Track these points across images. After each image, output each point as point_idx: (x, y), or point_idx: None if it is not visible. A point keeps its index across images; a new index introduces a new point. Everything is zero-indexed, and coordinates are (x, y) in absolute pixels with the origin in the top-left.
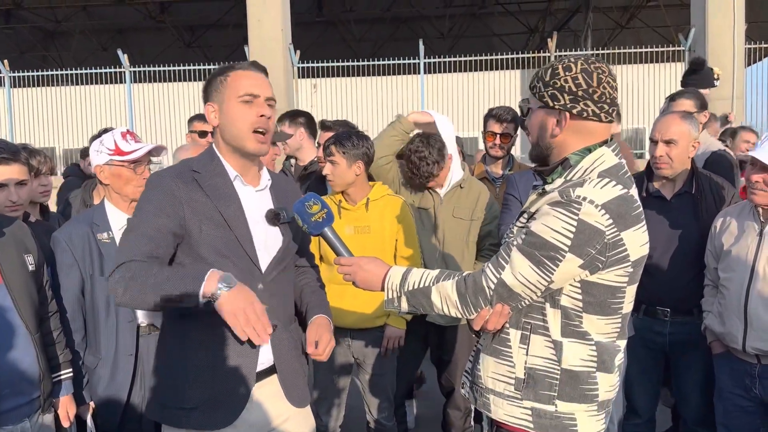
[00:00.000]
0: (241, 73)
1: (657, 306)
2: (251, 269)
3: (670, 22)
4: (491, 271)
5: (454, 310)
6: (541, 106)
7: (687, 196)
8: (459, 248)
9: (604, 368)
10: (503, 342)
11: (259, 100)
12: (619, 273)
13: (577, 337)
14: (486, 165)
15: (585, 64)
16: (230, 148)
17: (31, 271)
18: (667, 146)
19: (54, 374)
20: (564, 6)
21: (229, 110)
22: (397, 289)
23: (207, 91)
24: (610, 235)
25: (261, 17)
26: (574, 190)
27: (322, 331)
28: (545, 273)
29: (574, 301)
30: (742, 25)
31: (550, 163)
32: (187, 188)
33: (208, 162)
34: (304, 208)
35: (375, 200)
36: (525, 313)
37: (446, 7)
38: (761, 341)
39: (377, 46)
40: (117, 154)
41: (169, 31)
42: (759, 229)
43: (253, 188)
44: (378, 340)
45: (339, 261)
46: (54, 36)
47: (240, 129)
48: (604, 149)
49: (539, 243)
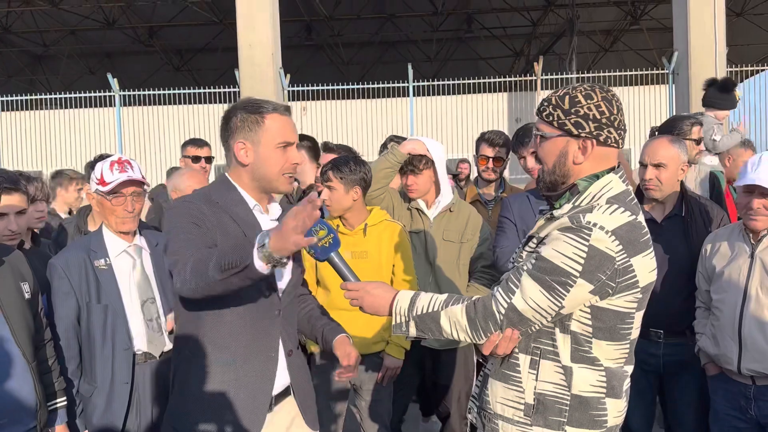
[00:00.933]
0: (278, 117)
1: (650, 327)
2: (272, 296)
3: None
4: (501, 295)
5: (464, 334)
6: (561, 134)
7: (677, 218)
8: (450, 271)
9: (613, 394)
10: (512, 367)
11: (292, 147)
12: (629, 299)
13: (587, 362)
14: (478, 188)
15: (603, 92)
16: (256, 185)
17: (27, 299)
18: (657, 169)
19: (49, 402)
20: (549, 30)
21: (266, 154)
22: (405, 314)
23: (234, 125)
24: (620, 261)
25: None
26: (584, 216)
27: (350, 348)
28: (556, 298)
29: (584, 326)
30: (724, 48)
31: (558, 188)
32: (215, 212)
33: (225, 192)
34: (310, 233)
35: (373, 225)
36: (534, 338)
37: (433, 31)
38: (756, 362)
39: (365, 69)
40: (100, 184)
41: (157, 55)
42: (750, 251)
43: (268, 217)
44: (376, 366)
45: (346, 286)
46: (42, 60)
47: (274, 173)
48: (612, 176)
49: (550, 268)
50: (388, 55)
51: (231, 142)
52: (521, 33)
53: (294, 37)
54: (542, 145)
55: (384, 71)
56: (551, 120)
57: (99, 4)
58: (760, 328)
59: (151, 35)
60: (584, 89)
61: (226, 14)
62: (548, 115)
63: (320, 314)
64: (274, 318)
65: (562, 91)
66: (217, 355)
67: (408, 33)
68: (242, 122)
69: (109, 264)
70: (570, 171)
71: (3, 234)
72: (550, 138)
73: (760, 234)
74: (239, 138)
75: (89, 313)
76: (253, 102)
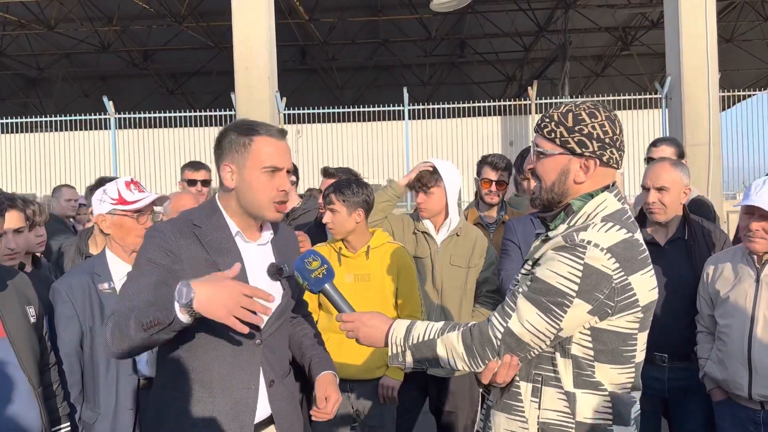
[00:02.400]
0: (267, 140)
1: (655, 352)
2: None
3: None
4: (498, 320)
5: (461, 362)
6: (563, 152)
7: (680, 242)
8: (457, 296)
9: (620, 421)
10: (514, 396)
11: (281, 173)
12: (630, 319)
13: (590, 387)
14: (480, 211)
15: (606, 111)
16: (241, 210)
17: (32, 323)
18: (659, 193)
19: (54, 428)
20: (541, 55)
21: (250, 178)
22: (401, 344)
23: (223, 147)
24: (618, 279)
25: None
26: (578, 234)
27: (331, 390)
28: (553, 320)
29: (585, 349)
30: (716, 74)
31: (554, 207)
32: (187, 243)
33: (209, 216)
34: (303, 265)
35: (375, 248)
36: (535, 364)
37: (426, 55)
38: (767, 388)
39: (359, 93)
40: (120, 203)
41: (152, 78)
42: (755, 275)
43: (254, 243)
44: (377, 392)
45: (341, 318)
46: (36, 83)
47: (260, 199)
48: (606, 194)
49: (545, 289)
50: (381, 78)
51: (220, 163)
52: (514, 58)
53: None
54: (542, 162)
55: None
56: (553, 137)
57: (94, 28)
58: None
59: (145, 59)
60: (587, 107)
61: (220, 38)
62: (550, 131)
63: (312, 343)
64: (254, 349)
65: (565, 107)
66: (193, 385)
67: (401, 57)
68: (231, 144)
69: (113, 287)
70: (569, 190)
71: (2, 253)
72: (550, 155)
73: (764, 258)
74: (226, 161)
75: (93, 337)
76: (246, 124)
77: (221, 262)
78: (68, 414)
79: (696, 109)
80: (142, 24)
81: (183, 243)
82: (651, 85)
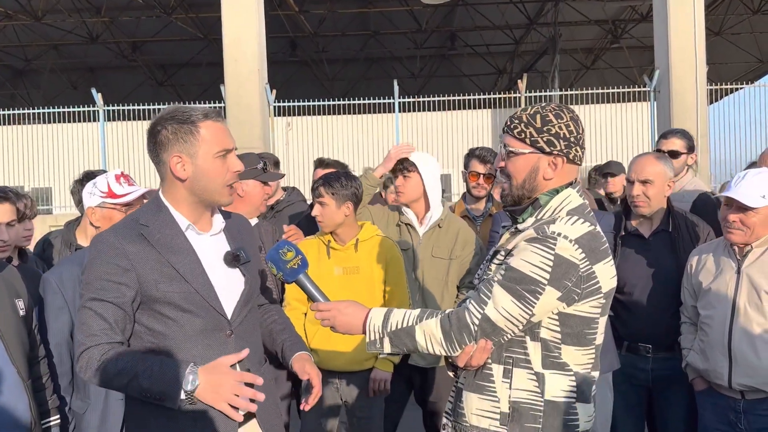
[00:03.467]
0: (212, 125)
1: (639, 342)
2: (217, 319)
3: (633, 64)
4: (474, 307)
5: (439, 348)
6: (533, 152)
7: (664, 234)
8: (438, 288)
9: (583, 398)
10: (486, 378)
11: (231, 154)
12: (593, 304)
13: (558, 368)
14: (467, 204)
15: (570, 113)
16: (194, 200)
17: (21, 316)
18: (644, 185)
19: (43, 421)
20: (531, 48)
21: (205, 165)
22: (380, 331)
23: (165, 138)
24: (584, 268)
25: (238, 57)
26: (548, 227)
27: (309, 367)
28: (526, 306)
29: (553, 333)
30: (704, 67)
31: (523, 203)
32: (135, 246)
33: (155, 213)
34: (278, 255)
35: (365, 241)
36: (506, 347)
37: (417, 48)
38: (747, 377)
39: (350, 85)
40: (110, 196)
41: (140, 70)
42: (736, 267)
43: (207, 234)
44: (367, 383)
45: (317, 307)
46: (23, 74)
47: (216, 185)
48: (570, 190)
49: (519, 277)
50: (372, 71)
51: (164, 156)
52: (504, 51)
53: (278, 53)
54: (512, 160)
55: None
56: (523, 137)
57: (82, 19)
58: (749, 342)
59: (134, 50)
60: (553, 109)
61: (210, 29)
62: (520, 132)
63: (281, 328)
64: (226, 340)
65: (531, 109)
66: None
67: (392, 50)
68: (174, 134)
69: None
70: (538, 186)
71: None
72: (521, 154)
73: (745, 249)
74: (174, 152)
75: None
76: (181, 110)
77: (175, 260)
78: (57, 407)
79: (684, 102)
80: (131, 15)
81: (130, 247)
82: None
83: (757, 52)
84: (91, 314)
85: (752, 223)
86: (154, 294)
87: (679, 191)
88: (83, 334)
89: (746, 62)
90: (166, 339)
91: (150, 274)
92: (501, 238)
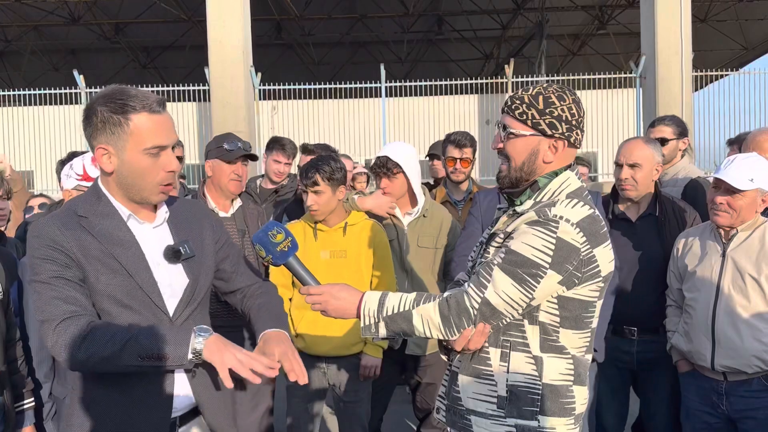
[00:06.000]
0: (147, 117)
1: (624, 325)
2: (158, 316)
3: (619, 50)
4: (474, 290)
5: (437, 332)
6: (534, 134)
7: (651, 218)
8: (426, 278)
9: (579, 381)
10: (483, 361)
11: (166, 151)
12: (593, 288)
13: (555, 351)
14: (447, 189)
15: (572, 95)
16: (124, 193)
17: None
18: (632, 169)
19: (17, 404)
20: (518, 33)
21: (132, 161)
22: (375, 315)
23: (94, 125)
24: (585, 251)
25: (222, 39)
26: (549, 209)
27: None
28: (527, 290)
29: (552, 316)
30: (690, 54)
31: (521, 185)
32: (75, 236)
33: (94, 203)
34: (267, 237)
35: (353, 225)
36: (504, 331)
37: (404, 32)
38: (729, 358)
39: (336, 70)
40: (84, 179)
41: (124, 52)
42: (722, 250)
43: (150, 225)
44: (354, 368)
45: (308, 290)
46: (3, 56)
47: (144, 184)
48: (569, 173)
49: (520, 261)
50: (358, 55)
51: (93, 143)
52: (491, 36)
53: (264, 36)
54: (512, 142)
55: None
56: (525, 119)
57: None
58: (732, 325)
59: (117, 32)
60: (556, 90)
61: (194, 11)
62: (522, 113)
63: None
64: None
65: (534, 90)
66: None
67: (379, 34)
68: (104, 123)
69: None
70: (537, 169)
71: None
72: (521, 136)
73: (730, 233)
74: (100, 142)
75: None
76: (118, 96)
77: (118, 252)
78: (32, 390)
79: (669, 89)
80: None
81: (70, 236)
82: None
83: (743, 39)
84: (51, 290)
85: (739, 206)
86: (94, 286)
87: (671, 177)
88: (49, 311)
89: (731, 50)
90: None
91: (91, 265)
92: (498, 221)
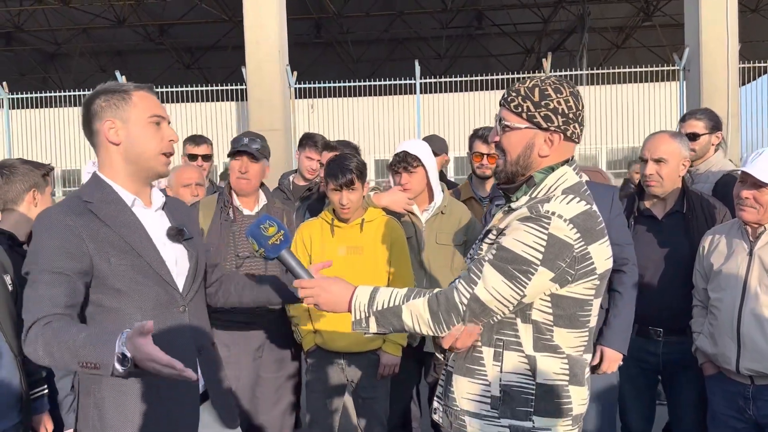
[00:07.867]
0: (143, 93)
1: (649, 326)
2: (171, 293)
3: (666, 42)
4: (464, 287)
5: (426, 328)
6: (529, 126)
7: (678, 215)
8: (444, 275)
9: (576, 381)
10: (476, 361)
11: (165, 123)
12: (587, 286)
13: (549, 351)
14: (473, 185)
15: (570, 87)
16: (131, 170)
17: (10, 291)
18: (657, 165)
19: (31, 391)
20: (560, 27)
21: (138, 131)
22: (365, 310)
23: (98, 107)
24: (579, 248)
25: (259, 39)
26: (542, 205)
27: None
28: (518, 287)
29: (545, 315)
30: (736, 45)
31: (517, 180)
32: (84, 220)
33: (96, 190)
34: (259, 231)
35: (370, 221)
36: (497, 330)
37: (443, 28)
38: (755, 362)
39: (375, 67)
40: None
41: (168, 53)
42: (749, 249)
43: (151, 210)
44: (372, 364)
45: (300, 284)
46: (54, 58)
47: (150, 150)
48: (566, 168)
49: (511, 257)
50: (397, 52)
51: (97, 125)
52: (532, 30)
53: (303, 35)
54: (508, 135)
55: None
56: (520, 111)
57: (109, 2)
58: (759, 327)
59: (161, 33)
60: (553, 83)
61: (235, 12)
62: (517, 106)
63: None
64: (180, 315)
65: (530, 82)
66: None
67: (417, 30)
68: (108, 102)
69: None
70: (533, 163)
71: None
72: (517, 129)
73: (758, 231)
74: (106, 117)
75: None
76: (113, 85)
77: (125, 233)
78: (45, 377)
79: (714, 81)
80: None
81: (79, 221)
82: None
83: None
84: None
85: (766, 201)
86: (106, 268)
87: (704, 172)
88: (25, 312)
89: None
90: (119, 314)
91: (102, 248)
92: (493, 217)
